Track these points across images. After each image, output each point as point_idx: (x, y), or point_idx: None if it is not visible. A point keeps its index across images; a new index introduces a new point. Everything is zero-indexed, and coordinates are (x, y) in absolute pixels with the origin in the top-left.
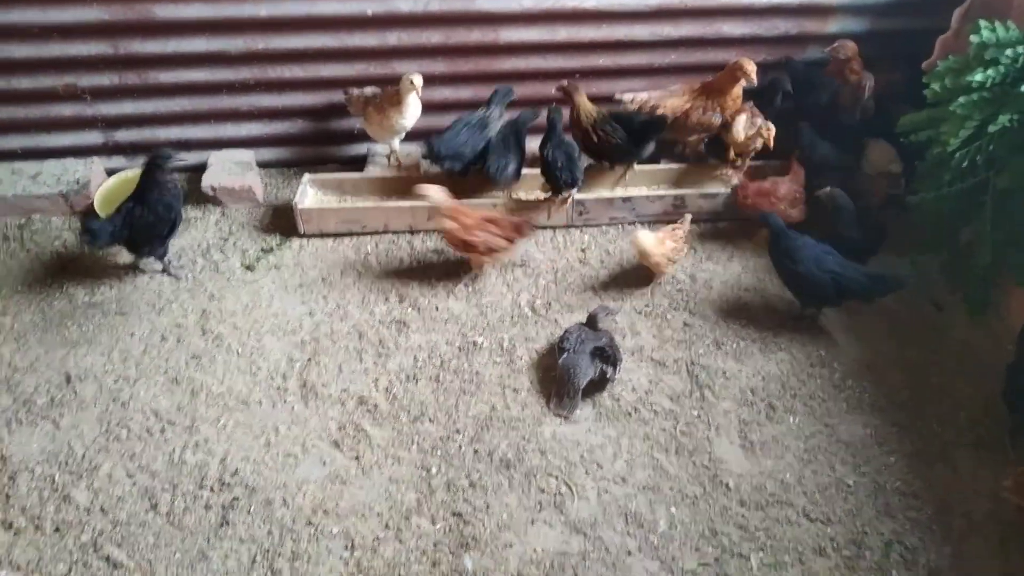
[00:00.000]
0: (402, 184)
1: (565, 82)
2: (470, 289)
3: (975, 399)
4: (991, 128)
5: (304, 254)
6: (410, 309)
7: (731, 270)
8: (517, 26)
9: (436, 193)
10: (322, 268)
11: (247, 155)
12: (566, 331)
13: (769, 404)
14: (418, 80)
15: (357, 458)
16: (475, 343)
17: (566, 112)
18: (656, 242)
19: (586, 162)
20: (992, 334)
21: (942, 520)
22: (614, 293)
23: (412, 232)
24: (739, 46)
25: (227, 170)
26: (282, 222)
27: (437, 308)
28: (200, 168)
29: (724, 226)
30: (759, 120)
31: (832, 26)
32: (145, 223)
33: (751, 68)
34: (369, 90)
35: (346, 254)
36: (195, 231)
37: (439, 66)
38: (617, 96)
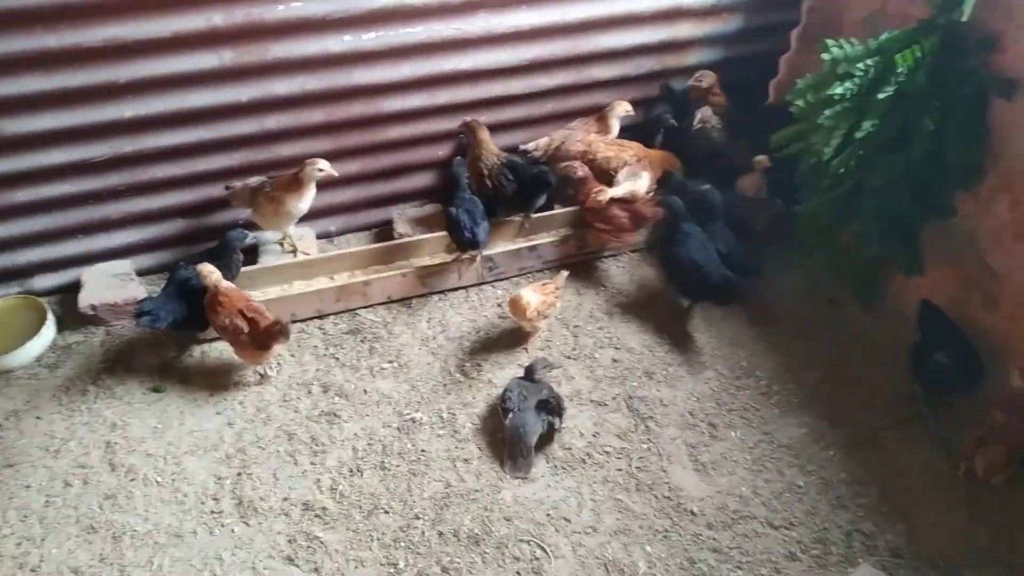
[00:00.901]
0: (302, 269)
1: (468, 119)
2: (395, 364)
3: (886, 382)
4: (857, 135)
5: (208, 360)
6: (337, 398)
7: (642, 301)
8: (398, 95)
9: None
10: (232, 371)
11: (124, 265)
12: (506, 389)
13: (710, 423)
14: (326, 165)
15: (316, 570)
16: (413, 420)
17: None
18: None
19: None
20: (887, 320)
21: (888, 500)
22: (538, 343)
23: (321, 317)
24: (611, 87)
25: (105, 285)
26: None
27: (366, 391)
28: (73, 287)
29: (631, 259)
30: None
31: (691, 58)
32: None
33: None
34: (254, 180)
35: None
36: (78, 357)
37: (323, 144)
38: (521, 147)
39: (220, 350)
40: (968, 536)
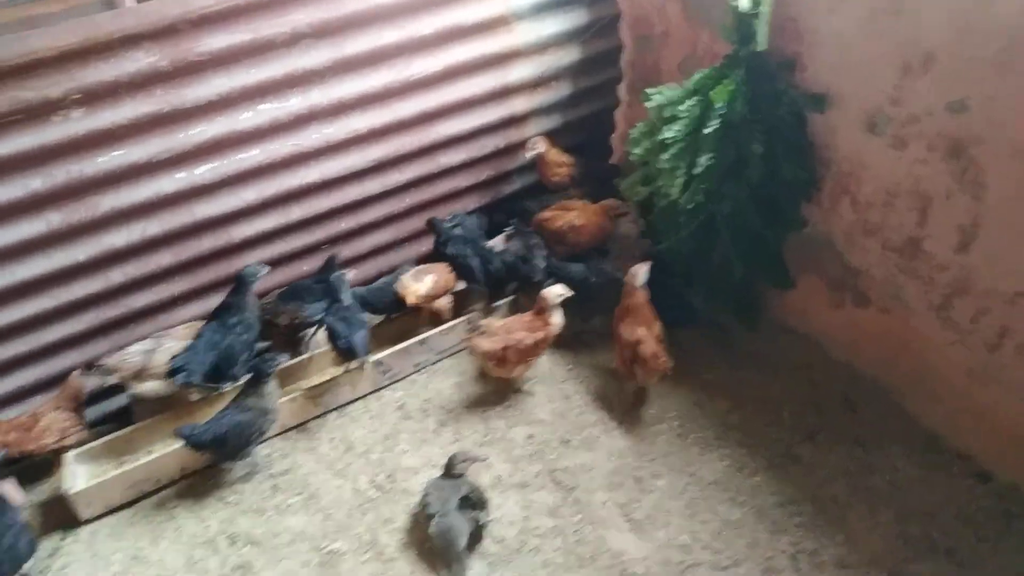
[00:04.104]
0: (190, 416)
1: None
2: (303, 496)
3: (789, 397)
4: (696, 170)
5: (99, 540)
6: (247, 547)
7: (541, 370)
8: (247, 219)
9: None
10: (126, 548)
11: None
12: (424, 494)
13: (634, 478)
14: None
15: None
16: (333, 552)
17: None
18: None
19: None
20: (773, 336)
21: (822, 514)
22: (448, 436)
23: (211, 465)
24: (462, 171)
25: None
26: (57, 515)
27: (276, 533)
28: None
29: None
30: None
31: (531, 130)
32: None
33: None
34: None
35: (149, 520)
36: None
37: (178, 285)
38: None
39: (110, 525)
40: (901, 531)
